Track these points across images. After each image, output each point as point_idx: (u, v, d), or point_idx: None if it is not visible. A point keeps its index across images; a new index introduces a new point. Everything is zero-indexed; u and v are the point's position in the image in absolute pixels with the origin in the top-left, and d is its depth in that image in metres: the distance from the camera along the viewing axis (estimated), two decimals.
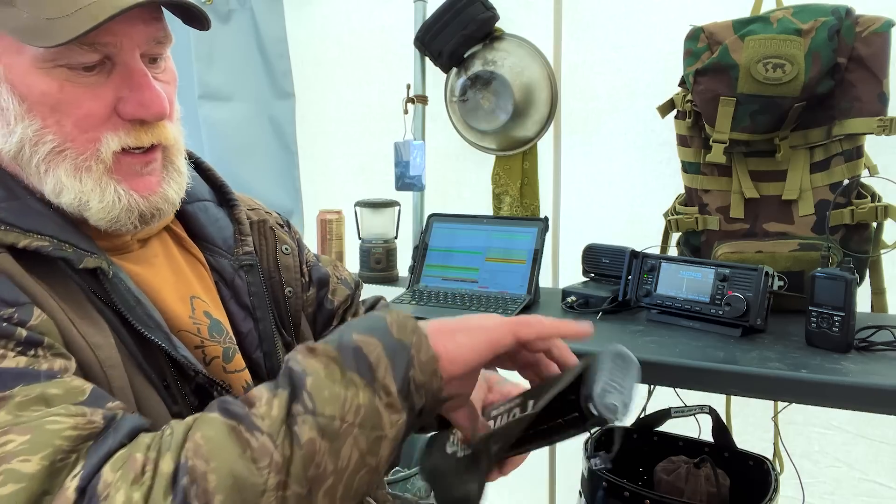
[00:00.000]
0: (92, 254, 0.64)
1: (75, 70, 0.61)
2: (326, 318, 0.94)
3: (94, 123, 0.63)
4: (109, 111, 0.64)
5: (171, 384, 0.66)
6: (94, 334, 0.61)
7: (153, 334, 0.65)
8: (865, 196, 1.31)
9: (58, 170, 0.63)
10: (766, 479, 1.23)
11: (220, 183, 0.86)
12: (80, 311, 0.62)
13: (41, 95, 0.61)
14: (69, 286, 0.62)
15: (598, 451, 1.32)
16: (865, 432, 1.64)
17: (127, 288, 0.65)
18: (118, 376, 0.61)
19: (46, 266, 0.62)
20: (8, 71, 0.61)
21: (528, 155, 1.88)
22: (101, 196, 0.64)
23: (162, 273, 0.73)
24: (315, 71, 2.31)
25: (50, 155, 0.63)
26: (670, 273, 1.22)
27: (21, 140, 0.62)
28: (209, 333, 0.73)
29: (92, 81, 0.62)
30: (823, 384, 0.92)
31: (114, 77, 0.64)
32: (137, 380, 0.63)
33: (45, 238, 0.61)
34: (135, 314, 0.64)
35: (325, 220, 1.73)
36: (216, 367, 0.73)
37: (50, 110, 0.61)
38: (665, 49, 1.64)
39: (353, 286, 0.98)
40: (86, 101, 0.62)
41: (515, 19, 1.82)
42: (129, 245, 0.72)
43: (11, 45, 0.61)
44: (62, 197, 0.64)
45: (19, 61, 0.61)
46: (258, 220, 0.88)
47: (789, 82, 1.23)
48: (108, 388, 0.59)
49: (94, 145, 0.63)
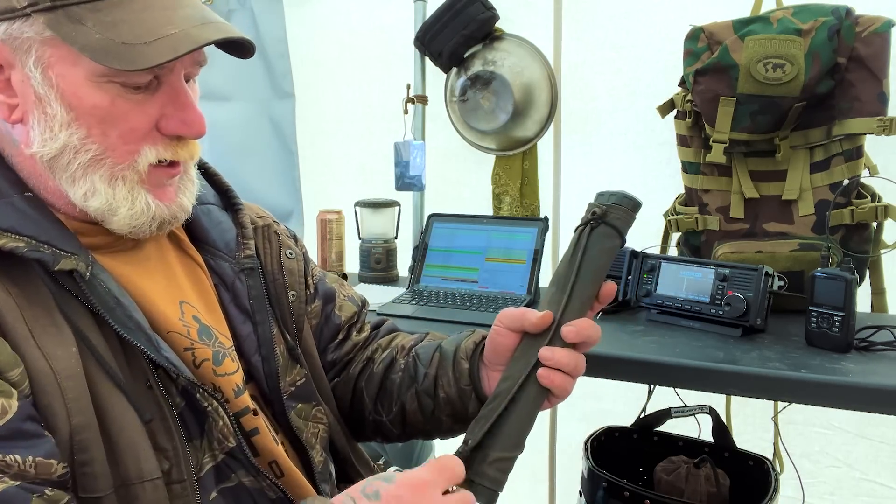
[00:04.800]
0: (71, 254, 0.64)
1: (126, 87, 0.64)
2: (333, 331, 0.94)
3: (136, 137, 0.66)
4: (151, 126, 0.67)
5: (153, 386, 0.66)
6: (54, 345, 0.61)
7: (132, 336, 0.64)
8: (865, 196, 1.31)
9: (94, 176, 0.65)
10: (766, 479, 1.23)
11: (225, 188, 0.87)
12: (45, 318, 0.62)
13: (92, 108, 0.64)
14: (40, 292, 0.63)
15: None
16: (865, 432, 1.65)
17: (106, 289, 0.65)
18: (74, 387, 0.60)
19: (20, 268, 0.62)
20: (60, 80, 0.63)
21: (528, 155, 1.88)
22: (132, 205, 0.67)
23: (152, 276, 0.73)
24: (315, 71, 2.31)
25: (89, 162, 0.65)
26: (670, 273, 1.22)
27: (63, 146, 0.64)
28: (198, 336, 0.73)
29: (140, 98, 0.65)
30: (823, 384, 0.92)
31: (159, 95, 0.67)
32: (103, 387, 0.62)
33: (21, 238, 0.62)
34: (114, 315, 0.64)
35: (325, 220, 1.73)
36: (206, 370, 0.72)
37: (98, 122, 0.64)
38: (665, 49, 1.64)
39: (359, 304, 0.99)
40: (133, 116, 0.65)
41: (515, 19, 1.82)
42: (120, 243, 0.72)
43: (67, 57, 0.62)
44: (91, 201, 0.66)
45: (73, 72, 0.63)
46: (263, 225, 0.88)
47: (789, 82, 1.23)
48: (62, 399, 0.59)
49: (133, 157, 0.66)
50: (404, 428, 0.91)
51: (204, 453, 0.69)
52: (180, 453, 0.65)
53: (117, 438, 0.62)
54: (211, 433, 0.69)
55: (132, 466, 0.62)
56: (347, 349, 0.94)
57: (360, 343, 0.95)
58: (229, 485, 0.71)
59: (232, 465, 0.71)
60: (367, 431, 0.95)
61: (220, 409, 0.69)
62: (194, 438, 0.68)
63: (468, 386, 0.83)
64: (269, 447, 0.76)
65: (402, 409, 0.89)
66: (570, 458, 1.79)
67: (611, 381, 1.20)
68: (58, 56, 0.62)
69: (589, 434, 1.37)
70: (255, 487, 0.72)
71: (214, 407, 0.68)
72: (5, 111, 0.65)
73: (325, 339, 0.93)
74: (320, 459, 0.82)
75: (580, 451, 1.34)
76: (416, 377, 0.88)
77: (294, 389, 0.81)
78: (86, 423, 0.60)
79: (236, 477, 0.71)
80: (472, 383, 0.83)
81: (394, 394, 0.89)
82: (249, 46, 0.70)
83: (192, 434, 0.68)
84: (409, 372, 0.89)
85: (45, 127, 0.64)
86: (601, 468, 1.25)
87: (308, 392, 0.83)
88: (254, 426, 0.75)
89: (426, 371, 0.87)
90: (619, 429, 1.41)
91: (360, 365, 0.93)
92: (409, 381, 0.88)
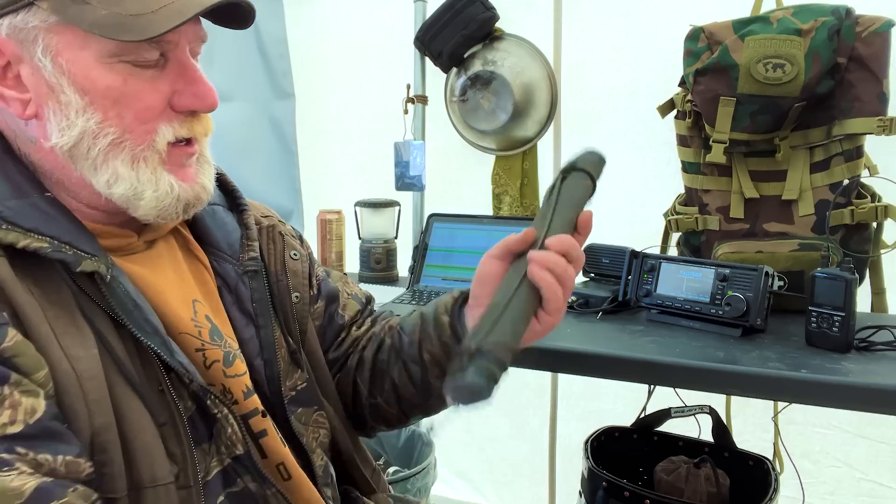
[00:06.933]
0: (92, 256, 0.64)
1: (137, 66, 0.64)
2: (336, 331, 0.94)
3: (152, 116, 0.66)
4: (165, 104, 0.67)
5: (165, 389, 0.66)
6: (76, 346, 0.61)
7: (149, 339, 0.64)
8: (865, 196, 1.31)
9: (115, 161, 0.65)
10: (766, 479, 1.23)
11: (231, 188, 0.87)
12: (67, 319, 0.61)
13: (105, 89, 0.63)
14: (61, 292, 0.62)
15: None
16: (865, 432, 1.65)
17: (125, 291, 0.65)
18: (95, 388, 0.60)
19: (43, 269, 0.62)
20: (71, 65, 0.63)
21: (528, 155, 1.88)
22: (156, 186, 0.67)
23: (166, 275, 0.73)
24: (315, 71, 2.31)
25: (109, 147, 0.65)
26: (670, 273, 1.22)
27: (82, 133, 0.64)
28: (210, 337, 0.73)
29: (150, 76, 0.66)
30: (823, 384, 0.92)
31: (168, 72, 0.67)
32: (120, 389, 0.62)
33: (44, 239, 0.62)
34: (132, 318, 0.64)
35: (325, 220, 1.73)
36: (216, 371, 0.72)
37: (112, 103, 0.64)
38: (665, 49, 1.64)
39: (364, 301, 0.98)
40: (146, 94, 0.66)
41: (515, 19, 1.82)
42: (135, 246, 0.73)
43: (74, 41, 0.62)
44: (115, 188, 0.66)
45: (82, 56, 0.63)
46: (268, 226, 0.88)
47: (789, 82, 1.23)
48: (84, 400, 0.59)
49: (151, 136, 0.67)
50: (400, 405, 0.90)
51: (212, 457, 0.69)
52: (188, 459, 0.65)
53: (133, 441, 0.62)
54: (220, 438, 0.69)
55: (146, 470, 0.62)
56: (347, 346, 0.94)
57: (358, 337, 0.95)
58: (235, 489, 0.71)
59: (239, 470, 0.71)
60: (367, 420, 0.94)
61: (229, 417, 0.69)
62: (203, 442, 0.68)
63: (451, 338, 0.81)
64: (277, 449, 0.76)
65: (393, 384, 0.88)
66: (570, 458, 1.79)
67: (611, 381, 1.20)
68: (65, 42, 0.62)
69: (589, 434, 1.37)
70: (260, 494, 0.72)
71: (224, 414, 0.68)
72: (19, 108, 0.64)
73: (329, 340, 0.93)
74: (321, 463, 0.82)
75: (580, 451, 1.34)
76: (401, 348, 0.87)
77: (294, 394, 0.81)
78: (106, 425, 0.60)
79: (242, 482, 0.71)
80: (454, 334, 0.81)
81: (384, 372, 0.89)
82: (250, 10, 0.70)
83: (201, 438, 0.68)
84: (394, 346, 0.89)
85: (61, 116, 0.64)
86: (601, 468, 1.25)
87: (309, 397, 0.83)
88: (262, 427, 0.75)
89: (409, 339, 0.86)
90: (619, 429, 1.41)
91: (357, 356, 0.93)
92: (395, 355, 0.88)
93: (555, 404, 1.87)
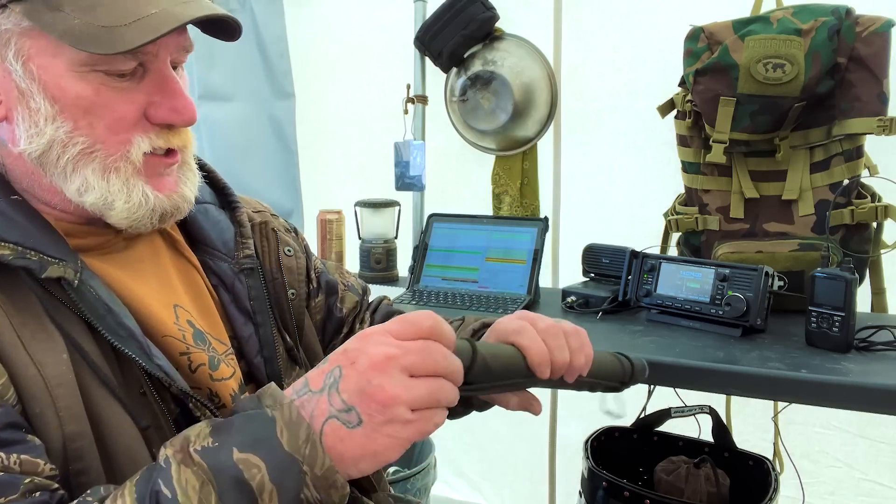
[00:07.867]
0: (60, 261, 0.62)
1: (111, 75, 0.62)
2: (336, 325, 0.93)
3: (125, 126, 0.64)
4: (140, 115, 0.65)
5: (147, 392, 0.64)
6: (44, 352, 0.59)
7: (124, 344, 0.63)
8: (865, 196, 1.31)
9: (85, 170, 0.63)
10: (766, 479, 1.23)
11: (221, 185, 0.86)
12: (35, 325, 0.60)
13: (76, 98, 0.62)
14: (28, 299, 0.61)
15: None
16: (865, 432, 1.65)
17: (96, 295, 0.63)
18: (66, 394, 0.59)
19: (6, 275, 0.61)
20: (42, 72, 0.61)
21: (528, 155, 1.88)
22: (128, 197, 0.65)
23: (145, 278, 0.71)
24: (315, 71, 2.31)
25: (79, 155, 0.63)
26: (670, 273, 1.22)
27: (51, 141, 0.62)
28: (193, 341, 0.71)
29: (125, 86, 0.64)
30: (823, 384, 0.92)
31: (145, 83, 0.65)
32: (96, 394, 0.61)
33: (6, 246, 0.60)
34: (104, 323, 0.62)
35: (325, 220, 1.73)
36: (203, 374, 0.71)
37: (83, 113, 0.62)
38: (665, 49, 1.64)
39: (360, 292, 0.98)
40: (119, 105, 0.64)
41: (515, 19, 1.82)
42: (112, 243, 0.71)
43: (47, 48, 0.61)
44: (86, 196, 0.64)
45: (54, 63, 0.61)
46: (261, 222, 0.87)
47: (789, 82, 1.23)
48: (54, 407, 0.58)
49: (125, 147, 0.65)
50: None
51: None
52: None
53: (114, 447, 0.61)
54: None
55: (129, 474, 0.60)
56: None
57: None
58: None
59: None
60: None
61: None
62: None
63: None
64: None
65: None
66: (570, 458, 1.79)
67: None
68: (38, 47, 0.61)
69: (589, 434, 1.37)
70: None
71: (207, 417, 0.66)
72: None
73: (329, 334, 0.93)
74: None
75: (580, 451, 1.34)
76: None
77: None
78: (80, 432, 0.58)
79: None
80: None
81: None
82: (236, 26, 0.68)
83: None
84: None
85: (30, 122, 0.62)
86: (601, 468, 1.25)
87: None
88: None
89: None
90: (619, 429, 1.41)
91: None
92: None
93: (555, 404, 1.87)
